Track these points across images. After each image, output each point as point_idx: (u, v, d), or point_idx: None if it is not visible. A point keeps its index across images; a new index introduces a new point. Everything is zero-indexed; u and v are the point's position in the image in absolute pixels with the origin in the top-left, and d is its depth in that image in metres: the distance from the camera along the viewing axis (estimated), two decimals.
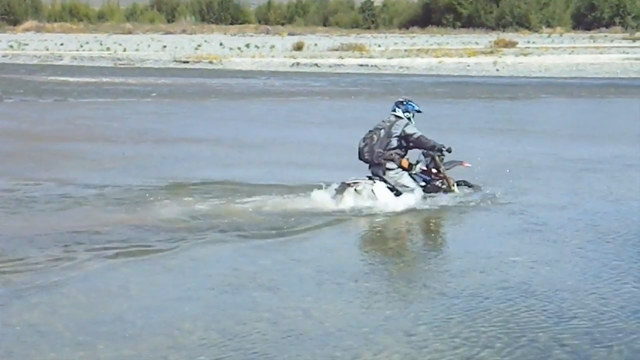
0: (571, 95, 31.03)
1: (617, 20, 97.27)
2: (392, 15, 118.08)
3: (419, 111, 11.42)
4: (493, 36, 78.77)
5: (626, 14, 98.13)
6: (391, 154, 11.07)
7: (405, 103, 11.34)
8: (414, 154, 11.52)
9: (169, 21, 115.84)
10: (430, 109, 26.00)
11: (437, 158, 11.35)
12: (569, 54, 55.87)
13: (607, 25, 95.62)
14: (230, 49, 63.04)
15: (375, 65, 45.43)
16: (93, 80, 36.21)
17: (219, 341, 6.36)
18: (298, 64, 47.13)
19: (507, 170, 13.22)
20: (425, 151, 11.44)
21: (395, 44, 73.14)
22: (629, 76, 39.50)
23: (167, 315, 6.95)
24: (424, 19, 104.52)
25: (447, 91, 32.31)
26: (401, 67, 44.57)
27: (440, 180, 11.49)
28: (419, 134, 11.11)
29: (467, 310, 7.06)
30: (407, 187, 11.12)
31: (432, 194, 11.36)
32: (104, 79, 36.74)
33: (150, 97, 28.87)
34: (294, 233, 9.78)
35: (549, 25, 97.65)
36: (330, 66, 46.03)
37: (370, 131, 11.30)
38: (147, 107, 26.26)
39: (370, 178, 11.17)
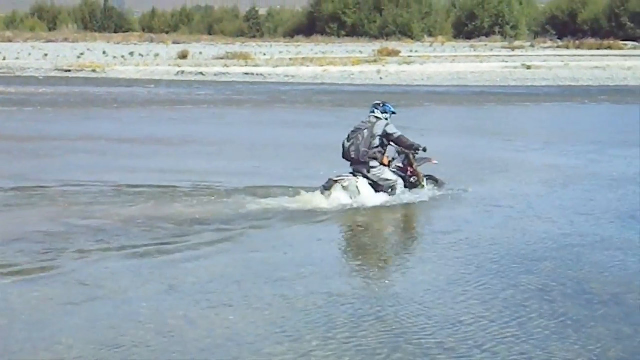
0: (452, 103, 31.72)
1: (496, 29, 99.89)
2: (277, 24, 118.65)
3: (394, 112, 12.34)
4: (377, 45, 79.89)
5: (505, 23, 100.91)
6: (374, 153, 11.96)
7: (382, 105, 12.27)
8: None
9: (50, 29, 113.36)
10: (315, 117, 26.36)
11: (411, 156, 12.31)
12: (451, 62, 57.05)
13: (487, 35, 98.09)
14: (114, 57, 62.06)
15: (261, 74, 45.43)
16: None
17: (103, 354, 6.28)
18: (183, 72, 46.75)
19: None
20: (400, 149, 12.34)
21: (281, 52, 73.37)
22: (508, 84, 40.58)
23: (48, 331, 6.79)
24: (309, 28, 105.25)
25: (331, 99, 32.55)
26: (286, 76, 44.69)
27: (413, 177, 12.42)
28: (399, 133, 12.08)
29: (359, 316, 7.15)
30: (390, 179, 12.06)
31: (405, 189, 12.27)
32: None
33: (31, 106, 28.16)
34: (178, 241, 9.68)
35: (431, 35, 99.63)
36: (215, 75, 45.80)
37: (353, 131, 12.10)
38: (27, 115, 25.63)
39: (353, 175, 11.97)
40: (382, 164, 12.08)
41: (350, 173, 12.03)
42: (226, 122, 24.31)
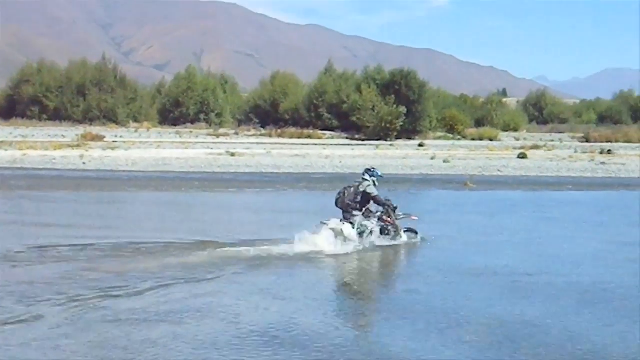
0: (157, 189, 31.56)
1: (202, 116, 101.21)
2: None
3: (380, 176, 16.87)
4: (81, 129, 78.41)
5: (210, 111, 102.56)
6: (356, 205, 16.26)
7: (371, 170, 16.84)
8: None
9: None
10: (6, 203, 25.19)
11: (389, 210, 16.57)
12: (156, 148, 57.09)
13: (192, 122, 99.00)
14: None
15: None
16: None
17: None
18: None
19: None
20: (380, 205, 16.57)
21: None
22: (213, 170, 41.09)
23: None
24: (8, 111, 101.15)
25: (30, 184, 31.41)
26: None
27: (392, 226, 16.63)
28: (376, 193, 16.41)
29: None
30: (368, 227, 16.20)
31: (383, 236, 16.54)
32: None
33: None
34: None
35: (136, 120, 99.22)
36: None
37: (344, 188, 16.55)
38: None
39: (342, 220, 16.13)
40: (363, 214, 16.19)
41: (340, 219, 16.10)
42: None
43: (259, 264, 14.43)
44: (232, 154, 48.99)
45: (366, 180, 16.44)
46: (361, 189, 16.30)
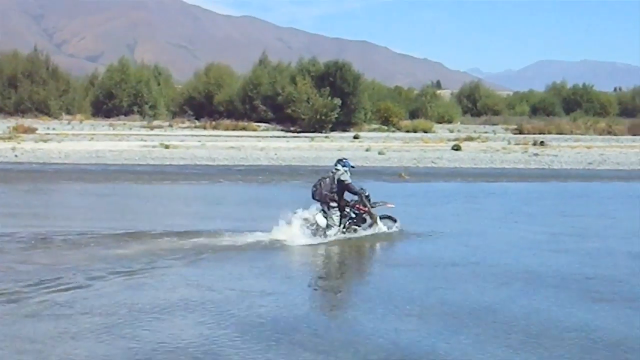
0: (90, 181, 31.21)
1: (135, 108, 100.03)
2: None
3: (352, 167, 17.25)
4: (12, 122, 77.04)
5: (144, 103, 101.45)
6: (334, 196, 16.59)
7: (343, 160, 17.17)
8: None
9: None
10: None
11: (364, 198, 16.81)
12: (89, 140, 56.38)
13: (126, 114, 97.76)
14: None
15: None
16: None
17: None
18: None
19: None
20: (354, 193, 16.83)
21: None
22: (147, 163, 40.80)
23: None
24: None
25: None
26: None
27: (368, 215, 16.86)
28: (349, 181, 16.70)
29: None
30: (334, 222, 16.52)
31: (359, 224, 16.90)
32: None
33: None
34: None
35: (69, 112, 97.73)
36: None
37: (319, 179, 16.79)
38: None
39: (320, 209, 16.53)
40: (339, 204, 16.55)
41: (316, 208, 16.51)
42: None
43: (192, 255, 14.38)
44: (166, 146, 48.65)
45: (338, 170, 16.78)
46: (336, 178, 16.64)
